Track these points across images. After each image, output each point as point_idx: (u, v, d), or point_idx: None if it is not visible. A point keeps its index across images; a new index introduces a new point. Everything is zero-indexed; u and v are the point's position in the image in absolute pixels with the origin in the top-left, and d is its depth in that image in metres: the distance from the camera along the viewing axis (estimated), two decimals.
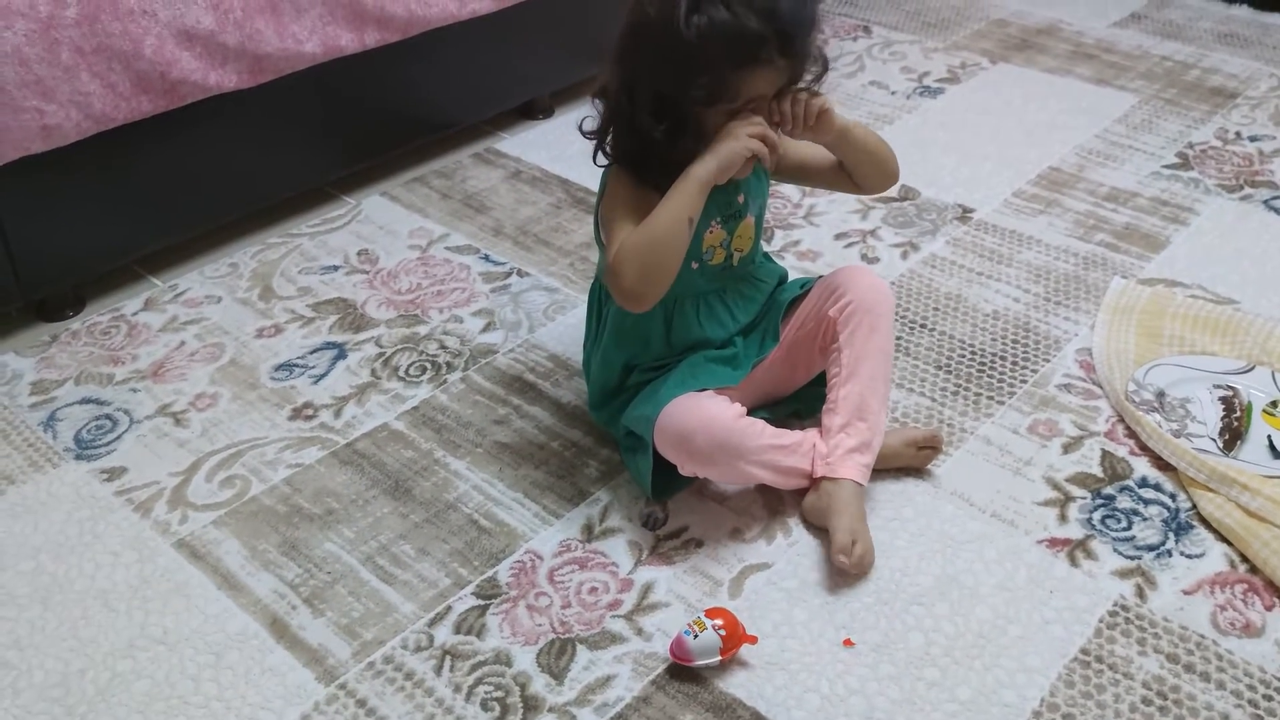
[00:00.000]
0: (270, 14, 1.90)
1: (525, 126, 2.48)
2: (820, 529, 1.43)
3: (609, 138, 1.42)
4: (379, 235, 2.10)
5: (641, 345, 1.51)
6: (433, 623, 1.34)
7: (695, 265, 1.45)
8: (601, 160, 1.44)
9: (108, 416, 1.67)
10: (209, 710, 1.25)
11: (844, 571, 1.37)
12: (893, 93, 2.60)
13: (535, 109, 2.52)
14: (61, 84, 1.70)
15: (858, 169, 1.50)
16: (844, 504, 1.40)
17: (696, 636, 1.25)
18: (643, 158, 1.38)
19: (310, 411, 1.67)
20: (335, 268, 2.01)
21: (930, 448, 1.54)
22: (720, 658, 1.26)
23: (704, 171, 1.32)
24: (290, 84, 2.01)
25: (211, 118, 1.94)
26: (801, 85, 1.38)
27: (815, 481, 1.44)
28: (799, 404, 1.62)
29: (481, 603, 1.37)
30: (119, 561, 1.43)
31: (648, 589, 1.38)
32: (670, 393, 1.41)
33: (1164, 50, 2.79)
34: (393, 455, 1.59)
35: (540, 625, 1.33)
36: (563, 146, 2.39)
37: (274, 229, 2.12)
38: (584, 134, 1.46)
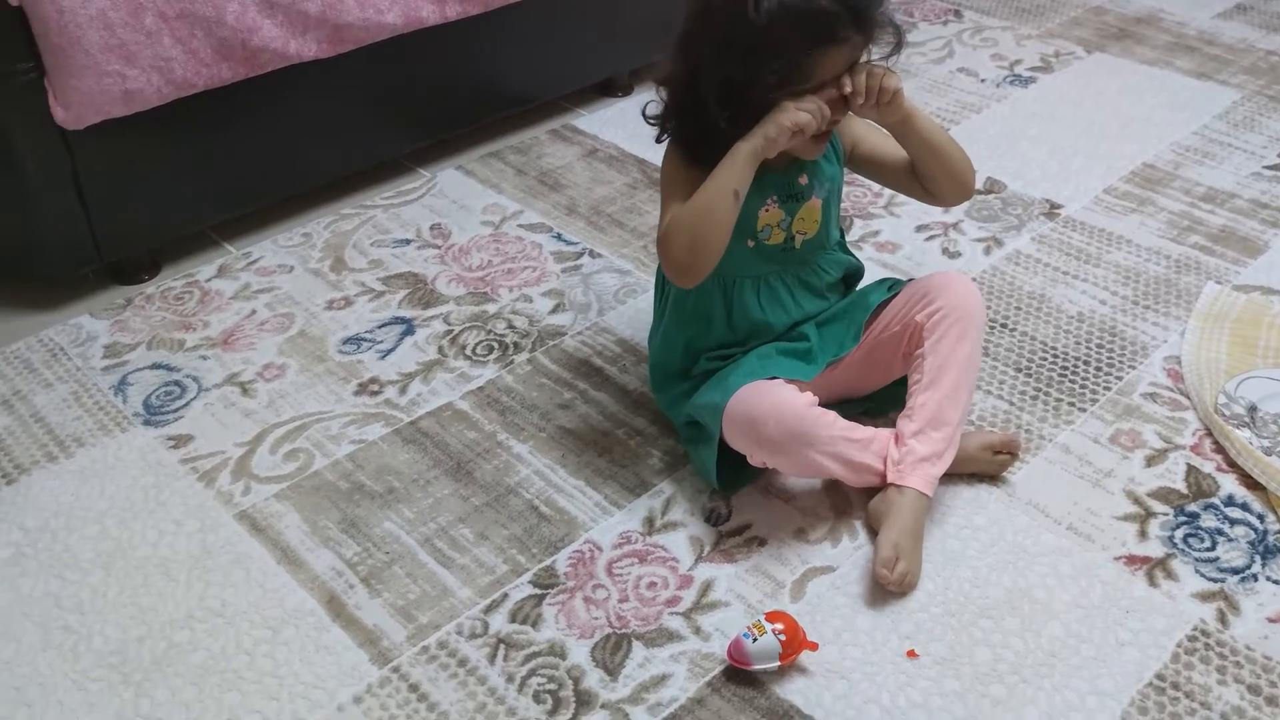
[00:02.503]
0: None
1: (603, 104, 2.45)
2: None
3: (671, 125, 1.42)
4: (452, 210, 2.08)
5: (703, 326, 1.48)
6: (488, 609, 1.33)
7: (751, 243, 1.43)
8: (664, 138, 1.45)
9: (177, 383, 1.68)
10: (262, 686, 1.24)
11: (884, 586, 1.32)
12: (982, 80, 2.52)
13: (614, 86, 2.48)
14: (144, 49, 1.70)
15: (924, 167, 1.45)
16: (899, 514, 1.35)
17: (755, 640, 1.22)
18: (703, 144, 1.36)
19: (376, 387, 1.67)
20: (407, 241, 2.00)
21: (1007, 453, 1.49)
22: (779, 663, 1.22)
23: (748, 145, 1.31)
24: (370, 55, 1.99)
25: (291, 87, 1.93)
26: (875, 61, 1.35)
27: (885, 484, 1.40)
28: (870, 403, 1.57)
29: (538, 592, 1.35)
30: (181, 530, 1.44)
31: (707, 587, 1.35)
32: (740, 380, 1.38)
33: (1270, 44, 2.67)
34: (456, 435, 1.58)
35: (596, 619, 1.31)
36: (640, 125, 2.29)
37: (348, 200, 2.12)
38: (646, 119, 1.45)
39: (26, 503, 1.48)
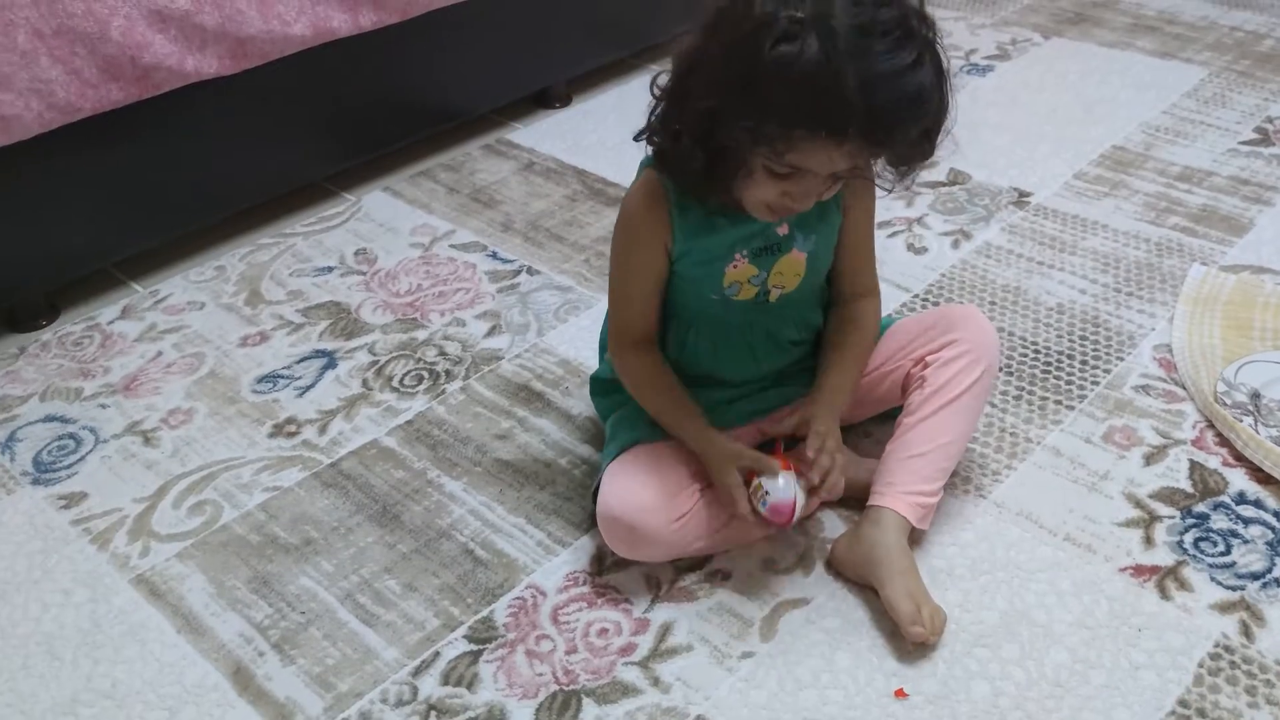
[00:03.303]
0: None
1: (540, 116, 2.30)
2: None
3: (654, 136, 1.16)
4: (379, 233, 1.93)
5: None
6: (417, 672, 1.16)
7: (715, 297, 1.23)
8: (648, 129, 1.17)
9: (72, 436, 1.51)
10: None
11: (923, 643, 1.15)
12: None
13: (551, 97, 2.34)
14: (18, 70, 1.54)
15: None
16: (889, 555, 1.18)
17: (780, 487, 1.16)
18: (680, 162, 1.13)
19: (293, 428, 1.50)
20: (330, 269, 1.84)
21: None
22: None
23: (707, 457, 1.21)
24: (279, 70, 1.84)
25: (193, 107, 1.78)
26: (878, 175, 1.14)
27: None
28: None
29: (474, 648, 1.18)
30: (69, 601, 1.27)
31: (666, 630, 1.19)
32: (622, 439, 1.26)
33: (1233, 20, 2.56)
34: (381, 476, 1.41)
35: (541, 675, 1.15)
36: (580, 135, 2.21)
37: (267, 229, 1.96)
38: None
39: None
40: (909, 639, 1.14)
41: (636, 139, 1.17)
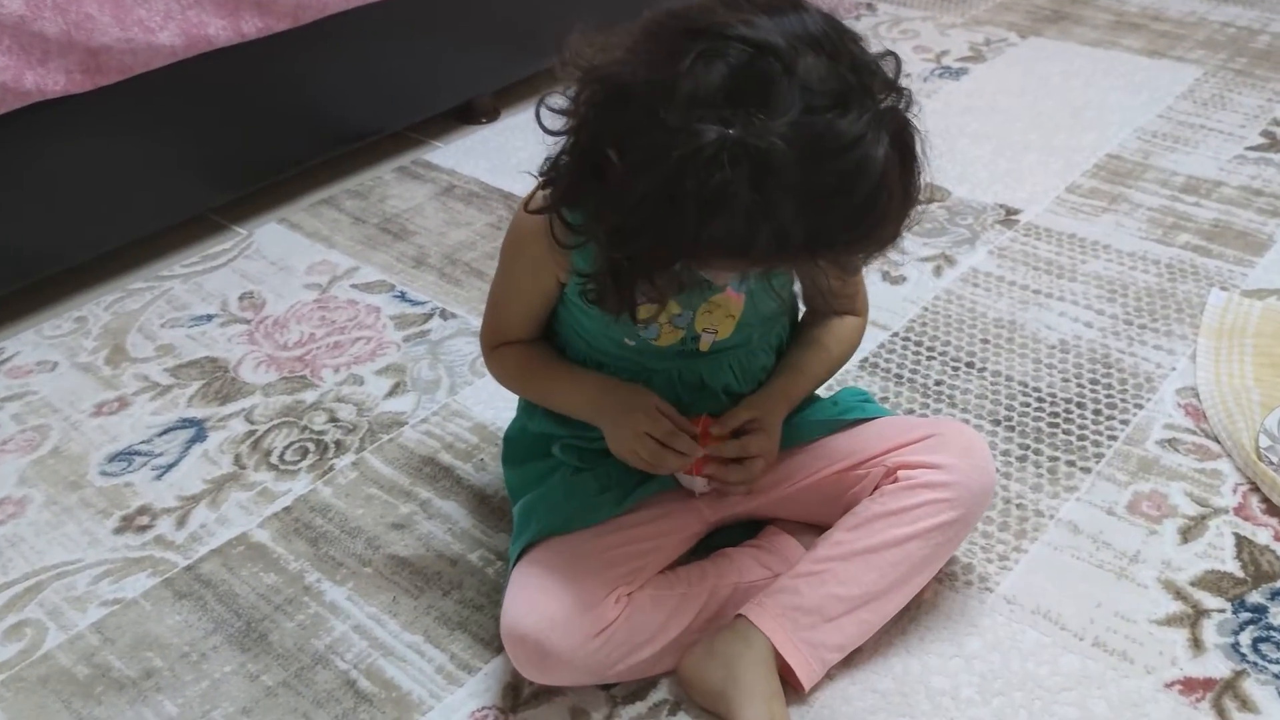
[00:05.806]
0: None
1: (463, 133, 2.04)
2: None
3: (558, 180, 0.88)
4: (269, 273, 1.66)
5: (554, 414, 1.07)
6: None
7: (630, 342, 0.99)
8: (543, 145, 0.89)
9: None
10: None
11: None
12: (906, 75, 2.15)
13: (475, 111, 2.08)
14: None
15: None
16: (749, 667, 0.95)
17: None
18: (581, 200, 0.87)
19: (145, 520, 1.23)
20: (209, 317, 1.57)
21: None
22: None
23: (599, 422, 1.01)
24: (147, 85, 1.57)
25: (40, 131, 1.50)
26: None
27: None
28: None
29: None
30: None
31: None
32: (531, 531, 1.00)
33: (1223, 15, 2.35)
34: (248, 582, 1.14)
35: None
36: (507, 154, 1.95)
37: (140, 271, 1.69)
38: (542, 124, 0.87)
39: None
40: None
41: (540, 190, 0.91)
